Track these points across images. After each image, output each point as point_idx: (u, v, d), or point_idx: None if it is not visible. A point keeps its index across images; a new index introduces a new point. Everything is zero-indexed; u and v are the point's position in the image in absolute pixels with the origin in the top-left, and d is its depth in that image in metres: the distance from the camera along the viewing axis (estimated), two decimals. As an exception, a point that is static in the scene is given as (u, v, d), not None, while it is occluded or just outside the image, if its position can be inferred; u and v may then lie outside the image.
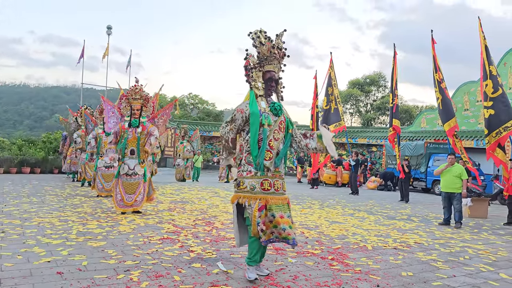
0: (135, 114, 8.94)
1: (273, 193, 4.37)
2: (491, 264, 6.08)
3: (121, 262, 5.05)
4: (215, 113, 48.69)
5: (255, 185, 4.30)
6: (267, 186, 4.35)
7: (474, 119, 21.52)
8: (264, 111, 4.44)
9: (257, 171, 4.34)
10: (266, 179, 4.37)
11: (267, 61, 4.56)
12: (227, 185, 17.53)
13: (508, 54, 19.86)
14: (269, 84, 4.57)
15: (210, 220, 8.64)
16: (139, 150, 8.78)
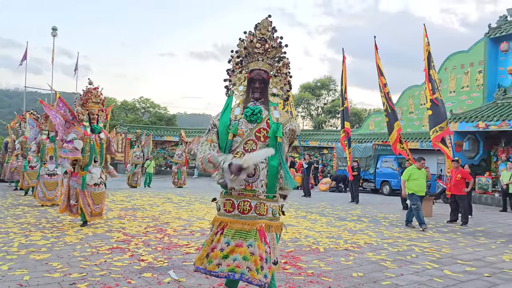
0: (94, 119, 8.37)
1: (236, 216, 3.56)
2: (436, 261, 6.35)
3: (66, 275, 4.81)
4: (167, 117, 47.93)
5: (219, 205, 3.70)
6: (229, 207, 3.62)
7: (419, 122, 22.51)
8: (235, 119, 3.67)
9: (223, 189, 3.71)
10: (229, 199, 3.64)
11: (248, 59, 3.78)
12: (180, 191, 17.27)
13: (448, 60, 20.95)
14: (251, 85, 3.73)
15: (162, 227, 8.44)
16: (102, 157, 8.35)
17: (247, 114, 3.64)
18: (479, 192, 15.99)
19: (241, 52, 3.81)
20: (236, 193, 3.62)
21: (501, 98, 17.14)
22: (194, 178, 27.63)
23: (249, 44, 3.75)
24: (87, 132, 8.22)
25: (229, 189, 3.63)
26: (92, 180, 8.05)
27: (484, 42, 19.11)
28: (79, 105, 8.41)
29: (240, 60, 3.84)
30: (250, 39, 3.75)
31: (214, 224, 3.67)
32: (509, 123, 14.76)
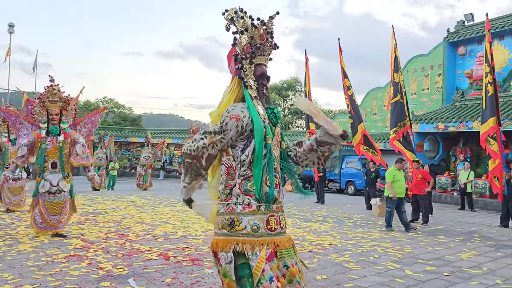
0: (53, 120, 7.55)
1: (281, 234, 3.08)
2: (397, 262, 6.45)
3: (17, 286, 4.56)
4: (132, 117, 46.99)
5: (259, 224, 2.98)
6: (274, 224, 3.04)
7: (382, 123, 22.99)
8: (264, 120, 3.17)
9: (259, 203, 3.02)
10: (273, 215, 3.06)
11: (260, 51, 3.31)
12: (145, 193, 16.92)
13: (409, 63, 21.51)
14: (261, 82, 3.32)
15: (123, 232, 8.21)
16: (63, 162, 7.47)
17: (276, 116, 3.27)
18: (439, 191, 16.47)
19: (256, 41, 3.27)
20: (275, 207, 3.09)
21: (459, 100, 17.73)
22: (160, 179, 27.17)
23: (265, 35, 3.28)
24: (41, 134, 7.54)
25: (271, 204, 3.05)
26: (42, 188, 7.28)
27: (443, 46, 19.73)
28: (36, 104, 7.74)
29: (254, 49, 3.28)
30: (266, 30, 3.29)
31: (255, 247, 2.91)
32: (466, 124, 15.29)
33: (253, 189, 3.02)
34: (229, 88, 3.32)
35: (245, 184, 3.03)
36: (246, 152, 3.05)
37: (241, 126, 3.01)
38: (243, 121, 3.01)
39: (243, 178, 3.04)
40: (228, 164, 3.12)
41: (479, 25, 18.13)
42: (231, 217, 3.00)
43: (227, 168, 3.12)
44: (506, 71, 17.33)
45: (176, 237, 7.85)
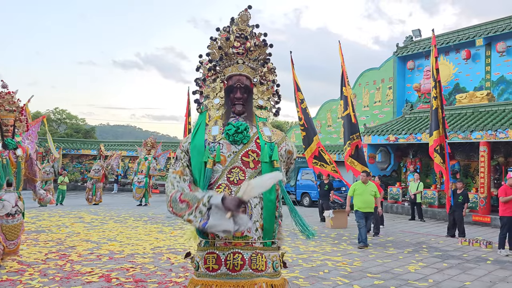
0: (7, 132, 6.59)
1: (225, 276, 2.56)
2: (346, 276, 6.44)
3: None
4: (86, 129, 45.50)
5: (198, 262, 2.60)
6: (212, 263, 2.58)
7: (336, 135, 23.41)
8: (213, 141, 2.76)
9: (201, 238, 2.66)
10: (212, 252, 2.59)
11: (224, 63, 2.88)
12: (95, 208, 16.26)
13: (361, 76, 22.10)
14: (230, 96, 2.84)
15: (66, 251, 7.77)
16: (19, 180, 6.58)
17: (230, 133, 2.74)
18: (390, 201, 16.86)
19: (214, 55, 2.90)
20: (222, 243, 2.59)
21: (409, 113, 18.33)
22: (113, 193, 26.31)
23: (224, 43, 2.85)
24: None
25: (211, 237, 2.61)
26: (3, 210, 6.27)
27: (393, 60, 20.40)
28: None
29: (213, 65, 2.93)
30: (225, 37, 2.85)
31: None
32: (415, 136, 15.79)
33: None
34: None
35: None
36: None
37: (184, 151, 2.75)
38: (183, 147, 2.77)
39: None
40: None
41: (426, 40, 18.90)
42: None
43: None
44: (451, 85, 18.11)
45: (122, 256, 7.52)
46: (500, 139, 13.28)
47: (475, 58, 17.33)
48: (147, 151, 19.05)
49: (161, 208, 16.46)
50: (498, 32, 16.19)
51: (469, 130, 13.99)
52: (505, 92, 16.37)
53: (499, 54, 16.38)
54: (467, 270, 7.21)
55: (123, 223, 11.92)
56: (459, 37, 17.65)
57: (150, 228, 11.10)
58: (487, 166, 13.81)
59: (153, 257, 7.45)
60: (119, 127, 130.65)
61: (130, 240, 9.13)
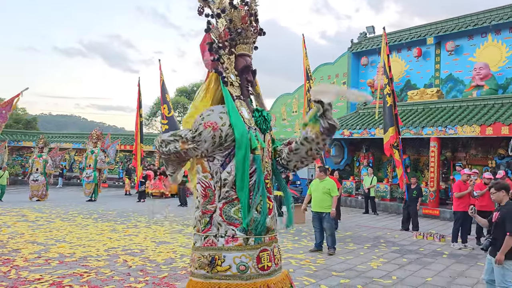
0: None
1: (275, 272, 2.46)
2: (312, 275, 6.33)
3: None
4: (26, 119, 42.88)
5: (247, 262, 2.33)
6: (267, 261, 2.40)
7: (291, 128, 23.49)
8: (250, 125, 2.50)
9: (247, 235, 2.37)
10: (265, 249, 2.41)
11: (242, 38, 2.59)
12: (39, 205, 15.23)
13: (316, 71, 22.20)
14: (245, 77, 2.63)
15: (10, 256, 7.12)
16: None
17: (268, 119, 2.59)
18: (344, 195, 17.13)
19: (236, 25, 2.55)
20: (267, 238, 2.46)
21: (362, 108, 18.67)
22: (58, 187, 24.94)
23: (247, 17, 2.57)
24: None
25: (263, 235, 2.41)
26: None
27: (347, 55, 20.68)
28: None
29: (234, 35, 2.56)
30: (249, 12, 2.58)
31: None
32: (369, 131, 16.09)
33: (238, 217, 2.35)
34: (205, 86, 2.66)
35: (228, 209, 2.37)
36: (228, 167, 2.38)
37: (219, 136, 2.36)
38: (222, 130, 2.36)
39: (225, 202, 2.38)
40: (205, 183, 2.44)
41: (379, 37, 19.28)
42: (211, 253, 2.34)
43: (204, 189, 2.43)
44: (403, 82, 18.62)
45: (73, 259, 6.99)
46: (449, 135, 13.79)
47: (425, 56, 17.90)
48: (93, 143, 18.14)
49: (111, 204, 15.75)
50: (447, 31, 16.80)
51: (421, 126, 14.42)
52: (453, 90, 17.04)
53: (448, 53, 17.00)
54: (426, 265, 7.35)
55: (72, 222, 11.22)
56: (411, 35, 18.16)
57: (101, 226, 10.51)
58: (437, 161, 14.32)
59: (108, 260, 6.99)
60: (62, 117, 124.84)
61: (81, 241, 8.56)
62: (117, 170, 27.07)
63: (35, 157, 17.81)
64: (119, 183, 26.08)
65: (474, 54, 16.46)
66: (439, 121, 14.17)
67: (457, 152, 15.56)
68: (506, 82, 15.57)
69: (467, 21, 16.45)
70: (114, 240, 8.72)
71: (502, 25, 15.56)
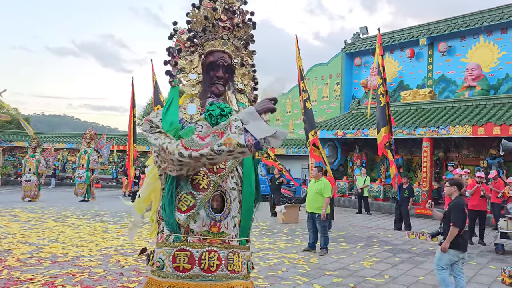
0: None
1: (198, 277, 2.26)
2: (305, 275, 6.36)
3: None
4: (19, 119, 42.58)
5: (163, 260, 2.27)
6: (184, 262, 2.26)
7: (285, 129, 23.57)
8: (191, 121, 2.43)
9: (169, 232, 2.32)
10: (184, 249, 2.28)
11: (207, 35, 2.54)
12: (31, 205, 15.14)
13: (310, 71, 22.30)
14: (211, 74, 2.53)
15: (1, 256, 7.07)
16: None
17: (214, 114, 2.38)
18: (338, 195, 17.19)
19: (196, 24, 2.55)
20: (196, 239, 2.28)
21: (356, 108, 18.75)
22: (50, 188, 24.80)
23: (210, 13, 2.52)
24: None
25: (183, 231, 2.28)
26: None
27: (341, 56, 20.75)
28: None
29: (192, 35, 2.55)
30: (211, 6, 2.52)
31: None
32: (362, 131, 16.16)
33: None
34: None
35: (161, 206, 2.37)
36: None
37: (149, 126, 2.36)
38: (152, 122, 2.36)
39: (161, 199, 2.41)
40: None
41: (373, 38, 19.37)
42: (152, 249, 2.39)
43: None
44: (396, 82, 18.73)
45: (66, 259, 6.96)
46: (441, 135, 13.89)
47: (418, 56, 18.02)
48: (87, 143, 18.05)
49: (104, 204, 15.69)
50: (440, 32, 16.91)
51: (413, 126, 14.52)
52: (445, 90, 17.16)
53: (441, 54, 17.12)
54: (418, 264, 7.40)
55: (64, 222, 11.16)
56: (404, 36, 18.26)
57: (94, 226, 10.47)
58: (429, 161, 14.41)
59: (101, 260, 6.97)
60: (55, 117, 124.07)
61: (74, 241, 8.52)
62: (110, 171, 26.97)
63: (28, 157, 17.69)
64: (112, 184, 25.99)
65: (466, 55, 16.60)
66: (432, 121, 14.26)
67: (450, 152, 15.67)
68: (497, 83, 15.71)
69: (459, 22, 16.58)
70: (107, 240, 8.69)
71: (494, 27, 15.71)
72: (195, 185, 2.32)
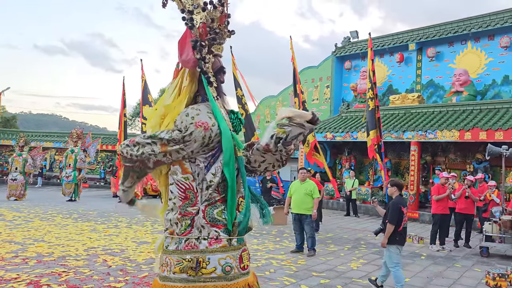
0: None
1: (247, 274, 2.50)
2: (293, 276, 6.37)
3: None
4: (6, 117, 42.04)
5: (231, 263, 2.33)
6: (247, 261, 2.47)
7: (274, 131, 23.63)
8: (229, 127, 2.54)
9: (230, 236, 2.39)
10: (245, 249, 2.50)
11: (219, 39, 2.56)
12: (17, 204, 14.95)
13: (300, 74, 22.30)
14: (219, 77, 2.63)
15: (-14, 255, 6.98)
16: None
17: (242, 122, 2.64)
18: (326, 197, 17.25)
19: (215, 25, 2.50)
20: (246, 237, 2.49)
21: (345, 111, 18.87)
22: (37, 187, 24.51)
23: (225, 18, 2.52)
24: None
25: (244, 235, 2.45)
26: None
27: (331, 59, 20.89)
28: None
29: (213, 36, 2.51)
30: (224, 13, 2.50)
31: None
32: (352, 134, 16.27)
33: (222, 218, 2.33)
34: (175, 84, 2.58)
35: (211, 211, 2.32)
36: (213, 169, 2.35)
37: (208, 137, 2.34)
38: (212, 131, 2.35)
39: (207, 204, 2.34)
40: (185, 185, 2.38)
41: (363, 42, 19.55)
42: (195, 256, 2.27)
43: (184, 191, 2.38)
44: (385, 86, 18.90)
45: (51, 258, 6.89)
46: (429, 139, 14.04)
47: (407, 61, 18.21)
48: (74, 142, 17.88)
49: (91, 204, 15.55)
50: (429, 38, 17.12)
51: (402, 130, 14.65)
52: (433, 95, 17.37)
53: (429, 59, 17.33)
54: (404, 266, 7.44)
55: (51, 221, 11.04)
56: (394, 40, 18.45)
57: (81, 226, 10.38)
58: (417, 164, 14.56)
59: (88, 260, 6.91)
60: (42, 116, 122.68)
61: (60, 241, 8.43)
62: (98, 170, 26.75)
63: (15, 156, 17.47)
64: (100, 183, 25.78)
65: (454, 60, 16.82)
66: (420, 125, 14.42)
67: (437, 156, 15.85)
68: (484, 88, 15.95)
69: (448, 28, 16.81)
70: (94, 240, 8.62)
71: (481, 33, 15.95)
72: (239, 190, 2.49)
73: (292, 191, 8.39)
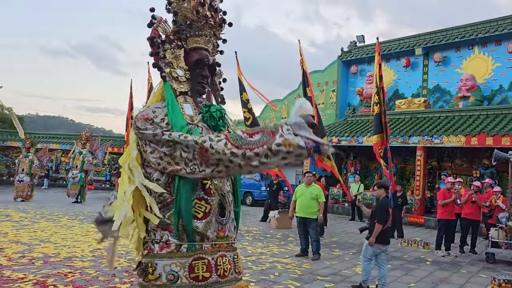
0: None
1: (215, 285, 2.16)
2: (297, 279, 6.38)
3: None
4: (12, 118, 42.33)
5: (177, 272, 2.10)
6: (203, 271, 2.14)
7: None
8: (192, 122, 2.28)
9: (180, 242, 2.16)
10: (201, 257, 2.15)
11: (193, 31, 2.40)
12: (24, 205, 15.07)
13: (307, 78, 22.50)
14: (198, 71, 2.42)
15: (-7, 255, 7.04)
16: None
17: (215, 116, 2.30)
18: (331, 202, 17.25)
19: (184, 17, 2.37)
20: (209, 245, 2.16)
21: (351, 116, 18.86)
22: (43, 188, 24.67)
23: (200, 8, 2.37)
24: None
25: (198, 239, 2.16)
26: None
27: (337, 64, 20.90)
28: None
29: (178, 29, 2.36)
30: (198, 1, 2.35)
31: None
32: (357, 139, 16.26)
33: (171, 221, 2.14)
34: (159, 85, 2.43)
35: (164, 213, 2.15)
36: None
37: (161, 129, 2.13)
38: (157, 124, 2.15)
39: (160, 206, 2.19)
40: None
41: (369, 46, 19.55)
42: (146, 260, 2.14)
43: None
44: (391, 91, 18.87)
45: (58, 259, 6.94)
46: (435, 145, 14.00)
47: (414, 66, 18.19)
48: (82, 144, 18.02)
49: (97, 206, 15.61)
50: (435, 43, 17.10)
51: (408, 135, 14.62)
52: (440, 100, 17.32)
53: (436, 64, 17.30)
54: (409, 271, 7.45)
55: (57, 222, 11.11)
56: (400, 45, 18.44)
57: (87, 227, 10.44)
58: (423, 169, 14.51)
59: (93, 261, 6.95)
60: (49, 118, 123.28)
61: (66, 242, 8.49)
62: (104, 172, 26.88)
63: (21, 157, 17.61)
64: (105, 185, 25.90)
65: (461, 65, 16.78)
66: (426, 130, 14.38)
67: (443, 162, 15.79)
68: (491, 93, 15.88)
69: (455, 33, 16.78)
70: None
71: (488, 38, 15.90)
72: (207, 190, 2.21)
73: (297, 195, 8.40)
